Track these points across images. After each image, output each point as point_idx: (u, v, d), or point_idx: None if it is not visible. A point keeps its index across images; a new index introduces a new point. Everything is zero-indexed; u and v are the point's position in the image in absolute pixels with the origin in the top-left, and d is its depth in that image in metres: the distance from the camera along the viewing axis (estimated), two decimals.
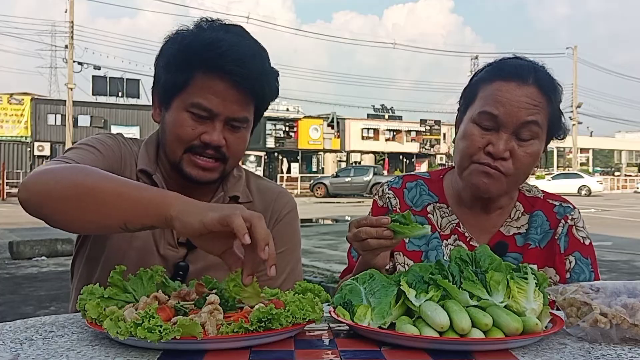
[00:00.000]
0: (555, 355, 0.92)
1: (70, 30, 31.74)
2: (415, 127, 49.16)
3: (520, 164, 1.35)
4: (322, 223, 16.80)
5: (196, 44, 1.28)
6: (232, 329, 0.90)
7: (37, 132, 35.78)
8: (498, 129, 1.34)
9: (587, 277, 1.43)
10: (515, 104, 1.33)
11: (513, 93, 1.34)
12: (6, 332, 1.02)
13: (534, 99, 1.34)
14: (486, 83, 1.39)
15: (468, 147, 1.37)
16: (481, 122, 1.36)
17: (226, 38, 1.28)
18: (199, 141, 1.30)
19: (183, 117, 1.30)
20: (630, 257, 9.76)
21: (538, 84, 1.36)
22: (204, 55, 1.26)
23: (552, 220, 1.48)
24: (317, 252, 9.81)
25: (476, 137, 1.36)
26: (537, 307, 1.00)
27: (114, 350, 0.91)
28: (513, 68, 1.38)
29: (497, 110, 1.34)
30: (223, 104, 1.28)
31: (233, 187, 1.45)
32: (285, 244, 1.47)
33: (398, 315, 1.00)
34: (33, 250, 9.10)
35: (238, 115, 1.31)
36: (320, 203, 25.64)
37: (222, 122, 1.30)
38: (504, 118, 1.33)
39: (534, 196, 1.53)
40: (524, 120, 1.33)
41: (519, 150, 1.34)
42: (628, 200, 28.74)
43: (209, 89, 1.27)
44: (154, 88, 1.39)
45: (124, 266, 1.12)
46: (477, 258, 1.09)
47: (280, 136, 44.25)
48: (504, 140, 1.33)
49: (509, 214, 1.50)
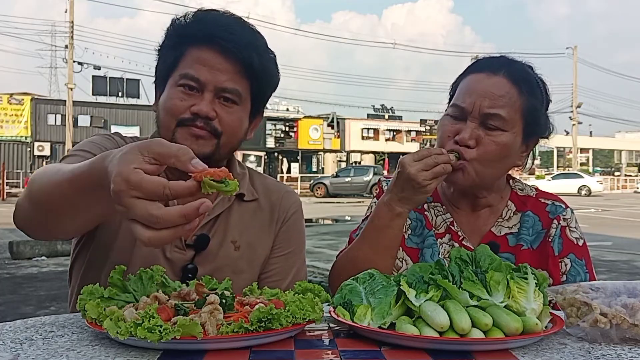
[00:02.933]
0: (555, 355, 0.92)
1: (70, 30, 31.73)
2: (415, 127, 49.13)
3: (485, 151, 1.37)
4: (322, 223, 16.80)
5: (187, 21, 1.33)
6: (232, 329, 0.90)
7: (37, 132, 35.78)
8: (466, 119, 1.39)
9: (583, 278, 1.43)
10: (482, 92, 1.38)
11: (482, 83, 1.40)
12: (6, 332, 1.02)
13: (501, 89, 1.38)
14: (463, 77, 1.48)
15: (440, 137, 1.44)
16: (452, 113, 1.43)
17: (216, 15, 1.34)
18: (189, 113, 1.28)
19: (174, 91, 1.30)
20: (630, 257, 9.76)
21: (508, 75, 1.40)
22: (194, 28, 1.30)
23: (545, 220, 1.48)
24: (317, 252, 9.81)
25: (447, 127, 1.43)
26: (537, 307, 1.00)
27: (114, 350, 0.91)
28: (486, 61, 1.46)
29: (464, 102, 1.40)
30: (211, 73, 1.28)
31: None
32: (291, 245, 1.47)
33: (398, 315, 1.00)
34: (33, 250, 9.10)
35: (227, 85, 1.30)
36: (320, 203, 25.64)
37: (211, 93, 1.29)
38: (469, 108, 1.39)
39: (527, 195, 1.53)
40: (487, 111, 1.37)
41: (486, 138, 1.38)
42: (628, 200, 28.75)
43: (197, 59, 1.29)
44: (155, 84, 1.40)
45: (123, 266, 1.12)
46: (477, 258, 1.09)
47: (280, 136, 44.25)
48: (471, 128, 1.38)
49: (500, 213, 1.50)
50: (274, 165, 43.63)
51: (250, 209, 1.45)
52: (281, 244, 1.47)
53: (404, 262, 1.46)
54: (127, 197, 0.78)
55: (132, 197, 0.78)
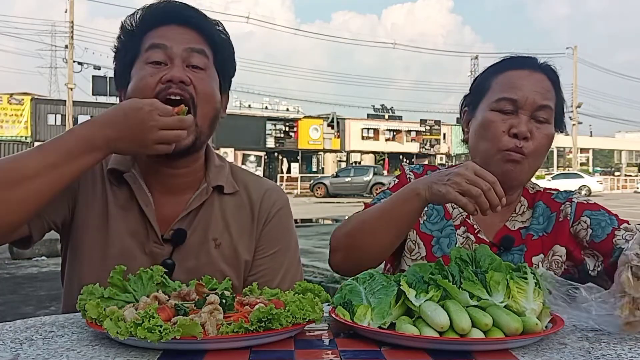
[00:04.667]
0: (555, 355, 0.92)
1: (70, 30, 31.74)
2: (415, 127, 49.16)
3: (539, 144, 1.42)
4: (322, 223, 16.79)
5: (141, 15, 1.35)
6: (232, 329, 0.90)
7: (37, 132, 35.78)
8: (517, 113, 1.41)
9: (608, 221, 1.42)
10: (531, 87, 1.42)
11: (527, 79, 1.43)
12: (6, 332, 1.02)
13: (545, 84, 1.44)
14: (498, 74, 1.47)
15: (493, 134, 1.42)
16: (501, 107, 1.42)
17: (163, 3, 1.35)
18: (161, 85, 1.27)
19: (142, 70, 1.31)
20: None
21: (545, 72, 1.46)
22: (150, 15, 1.34)
23: (552, 205, 1.51)
24: (317, 252, 9.80)
25: (498, 122, 1.42)
26: (537, 307, 1.00)
27: (114, 350, 0.91)
28: (522, 59, 1.49)
29: (515, 94, 1.41)
30: (175, 39, 1.31)
31: (216, 177, 1.39)
32: (276, 245, 1.42)
33: (398, 315, 1.00)
34: (33, 250, 9.07)
35: (193, 45, 1.32)
36: (320, 203, 25.64)
37: (180, 59, 1.30)
38: (523, 101, 1.40)
39: (536, 191, 1.57)
40: (540, 103, 1.41)
41: (537, 132, 1.41)
42: (628, 201, 28.74)
43: (159, 35, 1.32)
44: (117, 87, 1.39)
45: (123, 266, 1.12)
46: (477, 258, 1.09)
47: (280, 136, 44.25)
48: (525, 121, 1.40)
49: (514, 209, 1.52)
50: (274, 165, 43.63)
51: (230, 204, 1.40)
52: (265, 245, 1.41)
53: (416, 245, 1.48)
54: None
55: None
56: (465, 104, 1.55)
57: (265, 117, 43.66)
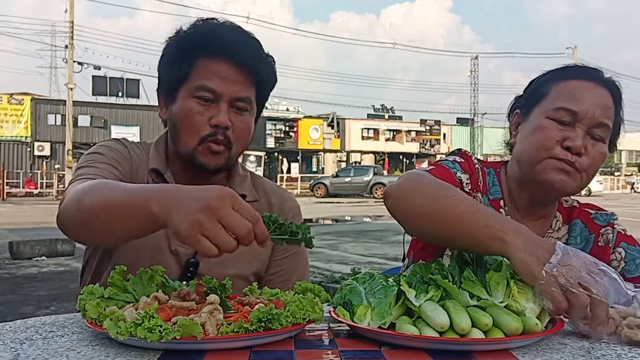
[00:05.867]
0: (555, 355, 0.92)
1: (70, 30, 31.72)
2: (415, 127, 49.13)
3: (593, 161, 1.34)
4: (322, 223, 16.80)
5: (196, 33, 1.38)
6: (232, 329, 0.90)
7: (37, 132, 35.75)
8: (574, 125, 1.33)
9: None
10: (593, 102, 1.33)
11: (591, 92, 1.34)
12: (6, 332, 1.02)
13: (608, 101, 1.36)
14: (559, 81, 1.38)
15: (545, 140, 1.34)
16: (558, 117, 1.34)
17: (222, 27, 1.40)
18: (209, 128, 1.35)
19: (190, 103, 1.36)
20: None
21: (609, 88, 1.37)
22: (204, 41, 1.36)
23: (591, 227, 1.47)
24: (317, 252, 9.80)
25: (553, 131, 1.33)
26: (537, 307, 1.00)
27: (114, 350, 0.91)
28: (587, 69, 1.40)
29: (576, 107, 1.32)
30: (226, 84, 1.35)
31: (240, 186, 1.49)
32: (294, 247, 1.50)
33: (398, 315, 1.00)
34: (33, 250, 9.09)
35: (241, 94, 1.37)
36: (320, 203, 25.64)
37: (226, 104, 1.36)
38: (583, 114, 1.32)
39: (571, 205, 1.52)
40: (600, 120, 1.33)
41: (592, 149, 1.33)
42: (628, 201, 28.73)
43: (212, 71, 1.35)
44: (159, 89, 1.46)
45: (123, 266, 1.12)
46: (477, 258, 1.09)
47: (280, 136, 44.23)
48: (581, 136, 1.32)
49: (550, 224, 1.49)
50: (274, 165, 43.61)
51: None
52: (284, 246, 1.46)
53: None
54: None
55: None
56: (517, 106, 1.47)
57: (265, 117, 43.60)
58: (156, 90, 1.48)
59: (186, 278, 1.34)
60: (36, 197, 28.88)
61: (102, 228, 1.10)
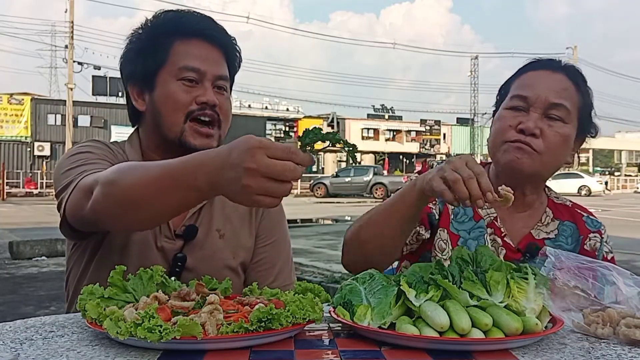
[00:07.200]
0: (555, 355, 0.92)
1: (70, 30, 31.74)
2: (415, 127, 49.15)
3: (550, 142, 1.40)
4: (322, 223, 16.79)
5: (167, 20, 1.41)
6: (232, 329, 0.90)
7: (37, 132, 35.77)
8: (528, 110, 1.42)
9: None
10: (546, 86, 1.42)
11: (544, 78, 1.44)
12: (6, 332, 1.02)
13: (563, 83, 1.43)
14: (520, 76, 1.49)
15: (501, 128, 1.43)
16: (513, 105, 1.44)
17: (189, 14, 1.42)
18: (195, 105, 1.35)
19: (174, 86, 1.36)
20: (631, 257, 9.75)
21: (566, 72, 1.46)
22: (179, 25, 1.38)
23: (582, 229, 1.52)
24: (317, 252, 9.80)
25: (508, 118, 1.43)
26: (537, 307, 1.00)
27: (114, 350, 0.91)
28: (544, 60, 1.50)
29: (526, 92, 1.42)
30: (207, 63, 1.38)
31: None
32: (274, 235, 1.53)
33: (398, 315, 1.00)
34: (33, 250, 9.09)
35: (222, 72, 1.40)
36: (320, 203, 25.63)
37: (210, 82, 1.38)
38: (534, 99, 1.41)
39: (562, 203, 1.57)
40: (553, 101, 1.40)
41: (549, 130, 1.40)
42: (628, 200, 28.74)
43: (191, 53, 1.37)
44: (130, 82, 1.43)
45: (123, 266, 1.12)
46: (477, 258, 1.09)
47: (280, 136, 44.23)
48: (534, 119, 1.40)
49: (540, 218, 1.52)
50: None
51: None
52: (265, 234, 1.53)
53: (447, 244, 1.47)
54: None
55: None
56: (495, 105, 1.56)
57: (265, 117, 43.66)
58: (124, 85, 1.44)
59: (174, 273, 1.35)
60: (36, 197, 28.86)
61: (146, 206, 1.05)
